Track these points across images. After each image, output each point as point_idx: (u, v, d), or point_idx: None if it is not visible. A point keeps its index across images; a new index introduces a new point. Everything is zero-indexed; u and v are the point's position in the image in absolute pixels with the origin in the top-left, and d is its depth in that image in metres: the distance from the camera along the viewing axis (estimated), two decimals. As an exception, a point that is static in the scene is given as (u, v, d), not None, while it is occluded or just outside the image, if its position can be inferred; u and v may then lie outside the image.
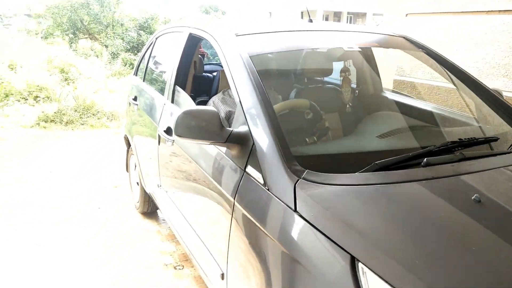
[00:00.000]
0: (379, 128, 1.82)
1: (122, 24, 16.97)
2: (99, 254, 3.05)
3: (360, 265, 1.08)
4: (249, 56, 1.81)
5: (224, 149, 1.73)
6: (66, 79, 11.45)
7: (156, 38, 3.30)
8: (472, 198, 1.30)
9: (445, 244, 1.15)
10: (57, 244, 3.18)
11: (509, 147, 1.73)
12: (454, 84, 2.16)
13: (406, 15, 2.86)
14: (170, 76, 2.56)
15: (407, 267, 1.05)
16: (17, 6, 25.88)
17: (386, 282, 1.03)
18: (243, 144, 1.59)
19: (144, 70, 3.35)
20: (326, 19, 33.12)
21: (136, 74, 3.66)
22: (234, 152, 1.65)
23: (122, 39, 16.64)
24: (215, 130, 1.57)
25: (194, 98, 2.35)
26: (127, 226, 3.50)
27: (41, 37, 18.54)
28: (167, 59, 2.83)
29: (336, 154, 1.68)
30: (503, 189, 1.46)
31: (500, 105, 1.96)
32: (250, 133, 1.57)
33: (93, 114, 7.84)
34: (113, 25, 17.02)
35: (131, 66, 15.17)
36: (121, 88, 12.12)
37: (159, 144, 2.52)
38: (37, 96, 8.93)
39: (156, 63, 3.21)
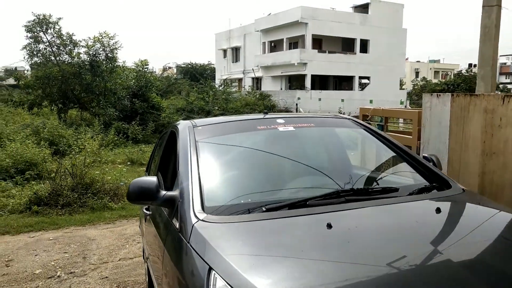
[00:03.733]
0: (294, 185, 2.34)
1: (115, 93, 16.36)
2: None
3: (213, 272, 1.53)
4: (196, 141, 2.49)
5: (167, 209, 2.22)
6: (56, 152, 10.52)
7: (159, 139, 3.96)
8: (326, 224, 1.79)
9: (289, 253, 1.64)
10: None
11: (407, 194, 2.15)
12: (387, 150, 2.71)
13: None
14: (157, 165, 3.27)
15: (250, 275, 1.49)
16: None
17: (228, 284, 1.46)
18: (173, 203, 2.11)
19: (149, 164, 4.15)
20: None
21: (146, 170, 4.37)
22: (167, 209, 2.20)
23: (115, 107, 15.98)
24: (153, 194, 2.11)
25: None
26: None
27: (27, 107, 17.75)
28: (159, 152, 3.45)
29: (243, 203, 2.07)
30: (358, 220, 1.90)
31: (420, 165, 2.47)
32: (180, 193, 2.08)
33: (93, 194, 6.83)
34: (105, 94, 16.39)
35: (124, 136, 14.40)
36: (117, 159, 11.23)
37: (145, 221, 3.09)
38: (27, 174, 7.92)
39: (154, 157, 3.90)
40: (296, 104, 27.65)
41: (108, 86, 16.42)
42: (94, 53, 16.56)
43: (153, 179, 2.18)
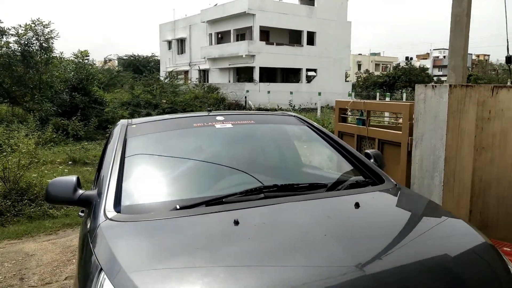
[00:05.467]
0: (222, 183, 2.31)
1: (52, 86, 15.02)
2: None
3: (102, 273, 1.52)
4: (126, 138, 2.52)
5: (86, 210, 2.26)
6: (-16, 153, 9.35)
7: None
8: (233, 220, 1.78)
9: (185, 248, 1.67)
10: None
11: (335, 189, 2.20)
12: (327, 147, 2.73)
13: None
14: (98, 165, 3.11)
15: (135, 275, 1.47)
16: None
17: (113, 285, 1.45)
18: (89, 203, 2.11)
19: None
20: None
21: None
22: (86, 210, 2.23)
23: (52, 102, 14.68)
24: (69, 193, 2.11)
25: None
26: None
27: None
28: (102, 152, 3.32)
29: (159, 202, 2.12)
30: (270, 216, 1.91)
31: (358, 161, 2.50)
32: (98, 192, 2.10)
33: (30, 200, 6.01)
34: (40, 87, 14.99)
35: (64, 133, 13.25)
36: (57, 158, 10.23)
37: None
38: None
39: None
40: (245, 97, 27.29)
41: (43, 79, 15.05)
42: (26, 42, 15.08)
43: (71, 178, 2.18)
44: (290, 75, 36.10)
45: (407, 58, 63.50)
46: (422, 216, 2.04)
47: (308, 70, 35.31)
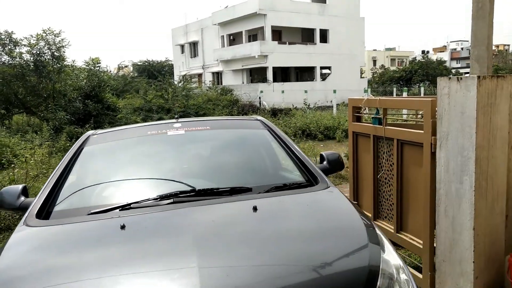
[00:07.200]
0: (153, 190, 2.34)
1: (65, 95, 15.04)
2: None
3: None
4: (83, 147, 2.70)
5: None
6: (-2, 164, 9.32)
7: None
8: (121, 225, 1.85)
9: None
10: None
11: (259, 192, 2.24)
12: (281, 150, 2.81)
13: None
14: None
15: (7, 275, 1.62)
16: None
17: None
18: (27, 210, 2.21)
19: None
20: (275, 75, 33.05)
21: None
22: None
23: (66, 110, 14.69)
24: (13, 201, 2.29)
25: None
26: None
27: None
28: None
29: (78, 208, 2.18)
30: (159, 221, 1.94)
31: (303, 166, 2.55)
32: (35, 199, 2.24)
33: (38, 213, 5.86)
34: (54, 96, 15.03)
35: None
36: (69, 168, 10.15)
37: None
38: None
39: None
40: (259, 98, 27.01)
41: (57, 87, 15.07)
42: (38, 52, 15.08)
43: (18, 186, 2.39)
44: (304, 73, 35.67)
45: (423, 51, 62.24)
46: (319, 218, 2.00)
47: (322, 68, 34.83)
